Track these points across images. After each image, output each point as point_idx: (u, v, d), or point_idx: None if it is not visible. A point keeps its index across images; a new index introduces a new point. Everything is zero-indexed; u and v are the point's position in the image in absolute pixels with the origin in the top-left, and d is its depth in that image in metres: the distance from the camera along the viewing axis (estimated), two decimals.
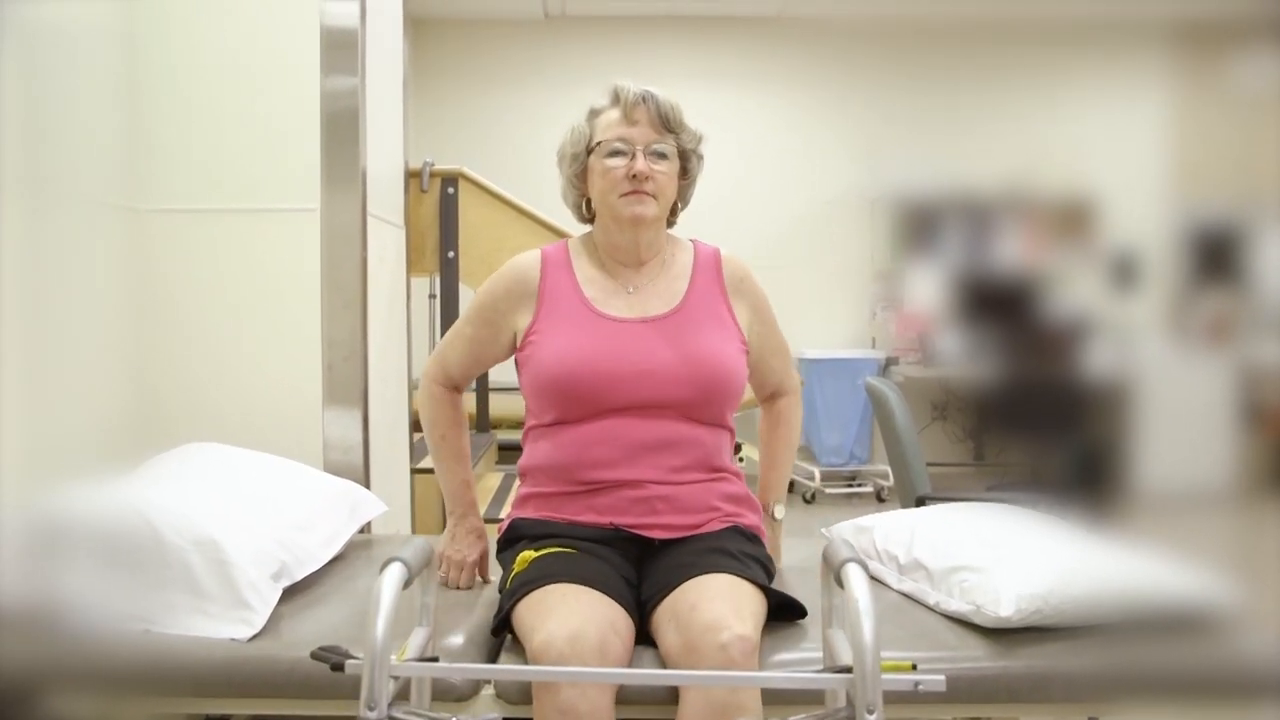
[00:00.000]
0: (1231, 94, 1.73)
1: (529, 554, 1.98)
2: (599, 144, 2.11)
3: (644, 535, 2.03)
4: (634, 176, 2.07)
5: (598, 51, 7.36)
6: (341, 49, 2.94)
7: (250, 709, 2.01)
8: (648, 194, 2.09)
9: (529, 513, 2.12)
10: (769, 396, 2.32)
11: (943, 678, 1.45)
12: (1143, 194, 1.89)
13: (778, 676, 1.73)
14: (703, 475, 2.08)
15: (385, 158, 3.42)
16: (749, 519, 2.13)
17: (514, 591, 1.91)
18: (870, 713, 1.42)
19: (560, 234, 4.00)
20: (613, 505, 2.03)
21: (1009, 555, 1.99)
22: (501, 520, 2.20)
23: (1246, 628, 1.87)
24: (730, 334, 2.15)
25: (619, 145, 2.09)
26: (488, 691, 1.89)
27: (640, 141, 2.09)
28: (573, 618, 1.76)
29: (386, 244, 3.41)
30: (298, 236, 2.92)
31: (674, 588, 1.88)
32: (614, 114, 2.12)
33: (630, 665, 1.83)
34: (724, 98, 7.33)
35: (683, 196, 2.22)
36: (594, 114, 2.15)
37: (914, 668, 1.47)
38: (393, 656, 1.52)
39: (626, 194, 2.08)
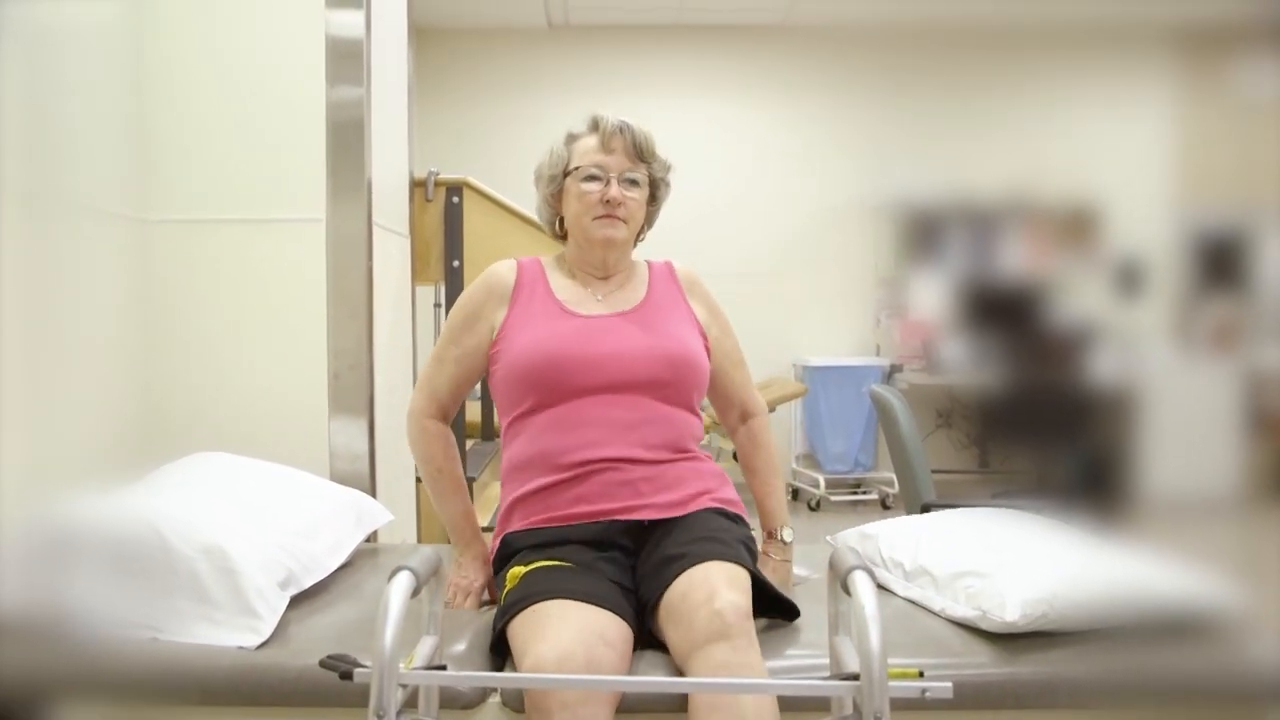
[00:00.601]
0: (1235, 99, 1.74)
1: (519, 570, 2.02)
2: (576, 169, 2.23)
3: (634, 519, 2.08)
4: (607, 201, 2.21)
5: (601, 60, 7.38)
6: (346, 59, 2.95)
7: (257, 717, 2.01)
8: (619, 218, 2.23)
9: (516, 524, 2.15)
10: (739, 418, 2.38)
11: (950, 685, 1.45)
12: (1147, 200, 1.90)
13: (785, 684, 1.74)
14: (677, 455, 2.16)
15: (390, 167, 3.43)
16: (728, 493, 2.21)
17: (505, 610, 1.93)
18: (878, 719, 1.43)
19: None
20: (600, 491, 2.09)
21: (1014, 560, 1.99)
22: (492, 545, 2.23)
23: (1252, 634, 1.87)
24: (691, 325, 2.29)
25: (595, 171, 2.22)
26: (494, 700, 1.90)
27: (615, 169, 2.22)
28: (560, 637, 1.78)
29: (391, 253, 3.42)
30: (303, 246, 2.93)
31: (667, 586, 1.92)
32: (592, 141, 2.24)
33: (630, 671, 1.84)
34: (727, 106, 7.35)
35: (649, 220, 2.36)
36: (572, 139, 2.28)
37: (921, 674, 1.47)
38: (401, 665, 1.52)
39: (600, 217, 2.22)
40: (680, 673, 1.83)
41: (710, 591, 1.83)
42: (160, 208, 2.89)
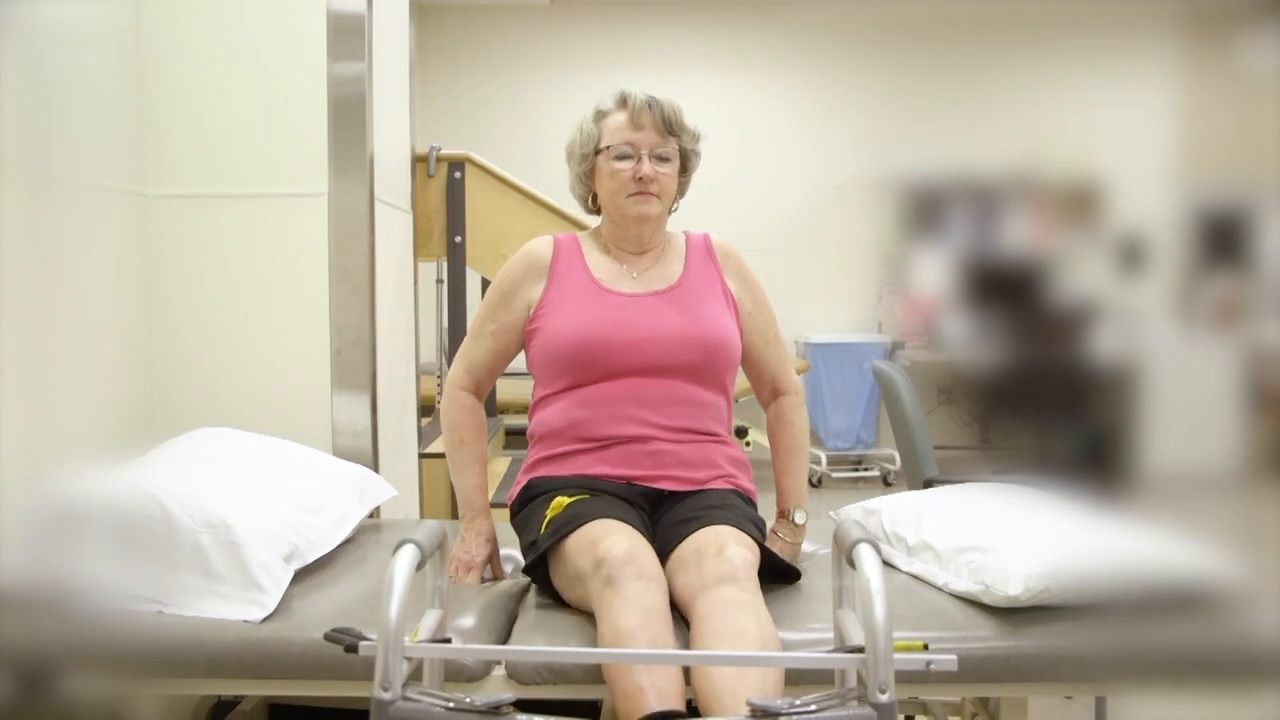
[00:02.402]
0: (1238, 76, 1.73)
1: (563, 499, 2.09)
2: (607, 147, 2.24)
3: (655, 487, 2.15)
4: (640, 179, 2.22)
5: (603, 36, 7.35)
6: (349, 34, 2.94)
7: (263, 690, 2.02)
8: (653, 194, 2.24)
9: (542, 473, 2.22)
10: (770, 394, 2.39)
11: (954, 657, 1.45)
12: (1150, 177, 1.90)
13: (791, 656, 1.74)
14: (705, 436, 2.22)
15: (392, 142, 3.42)
16: (746, 483, 2.26)
17: (557, 530, 2.01)
18: (883, 692, 1.43)
19: (566, 218, 4.01)
20: (624, 458, 2.16)
21: (1017, 535, 1.99)
22: (512, 491, 2.28)
23: (1252, 608, 1.88)
24: (726, 304, 2.31)
25: (626, 149, 2.23)
26: (498, 672, 1.91)
27: (646, 146, 2.23)
28: (628, 537, 1.91)
29: (394, 229, 3.42)
30: (306, 221, 2.92)
31: (679, 542, 2.00)
32: (621, 118, 2.25)
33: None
34: (730, 82, 7.33)
35: (681, 190, 2.36)
36: (601, 115, 2.28)
37: (925, 647, 1.48)
38: (406, 638, 1.53)
39: (633, 194, 2.23)
40: (686, 623, 1.89)
41: (721, 545, 1.92)
42: (161, 183, 2.89)
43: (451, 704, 1.50)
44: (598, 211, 2.36)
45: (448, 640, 1.73)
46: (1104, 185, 1.92)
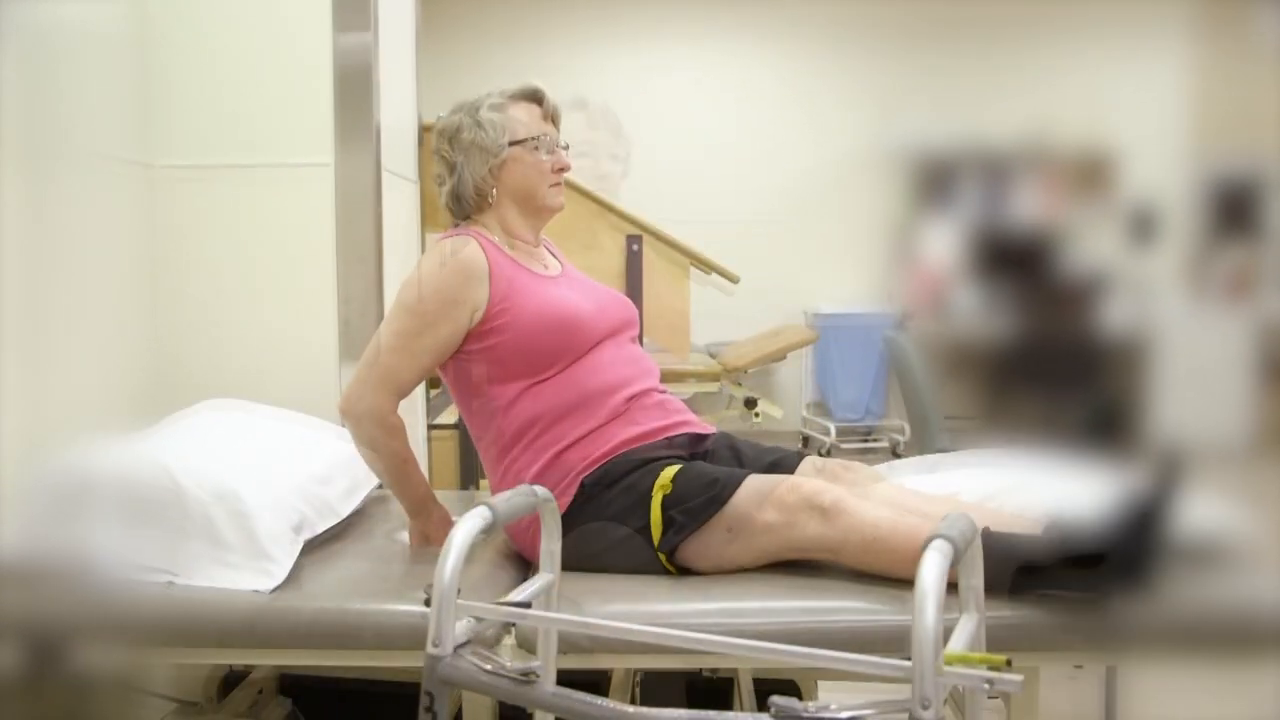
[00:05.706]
0: (1252, 46, 1.72)
1: (671, 468, 2.08)
2: (530, 139, 2.27)
3: (694, 432, 2.24)
4: (560, 169, 2.30)
5: (611, 6, 7.31)
6: (354, 4, 2.92)
7: (273, 659, 2.03)
8: (560, 185, 2.33)
9: (580, 465, 2.13)
10: None
11: (1020, 678, 1.28)
12: (1162, 147, 1.89)
13: (839, 656, 1.50)
14: (664, 389, 2.31)
15: (399, 112, 3.41)
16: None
17: (714, 497, 2.00)
18: (925, 708, 1.27)
19: (574, 187, 3.99)
20: (645, 415, 2.19)
21: (1026, 499, 1.99)
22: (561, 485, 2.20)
23: (1260, 576, 1.87)
24: None
25: (548, 142, 2.29)
26: (508, 641, 1.90)
27: (558, 139, 2.32)
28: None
29: (401, 199, 3.41)
30: (312, 192, 2.92)
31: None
32: (534, 110, 2.31)
33: None
34: (738, 52, 7.30)
35: None
36: (498, 108, 2.28)
37: (1009, 663, 1.30)
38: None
39: (554, 185, 2.31)
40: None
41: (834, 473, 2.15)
42: (167, 153, 2.88)
43: (489, 667, 1.50)
44: (476, 209, 2.30)
45: (526, 605, 1.62)
46: (1116, 155, 1.91)
